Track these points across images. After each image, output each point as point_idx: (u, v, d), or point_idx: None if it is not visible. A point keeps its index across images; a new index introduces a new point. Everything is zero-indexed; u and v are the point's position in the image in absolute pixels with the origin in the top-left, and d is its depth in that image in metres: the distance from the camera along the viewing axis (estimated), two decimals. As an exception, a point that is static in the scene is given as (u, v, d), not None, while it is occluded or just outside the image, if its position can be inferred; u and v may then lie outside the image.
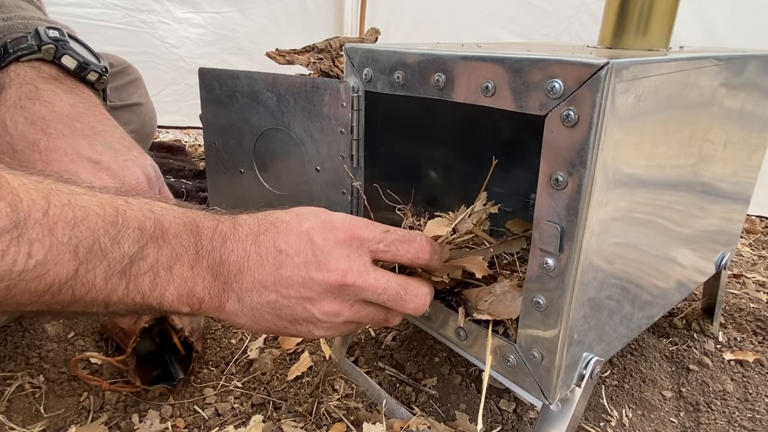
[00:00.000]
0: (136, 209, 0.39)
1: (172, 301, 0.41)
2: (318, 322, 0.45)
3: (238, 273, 0.43)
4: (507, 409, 0.66)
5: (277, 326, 0.45)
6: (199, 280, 0.42)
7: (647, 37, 0.55)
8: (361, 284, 0.43)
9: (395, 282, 0.45)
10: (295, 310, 0.44)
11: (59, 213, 0.35)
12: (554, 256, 0.42)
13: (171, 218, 0.41)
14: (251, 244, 0.44)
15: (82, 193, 0.38)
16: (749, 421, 0.66)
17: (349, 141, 0.58)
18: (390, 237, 0.45)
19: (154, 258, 0.39)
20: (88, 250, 0.36)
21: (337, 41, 1.45)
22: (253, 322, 0.45)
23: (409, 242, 0.46)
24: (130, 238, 0.38)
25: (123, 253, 0.37)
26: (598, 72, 0.36)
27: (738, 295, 0.97)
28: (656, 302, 0.61)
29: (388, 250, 0.45)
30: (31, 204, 0.34)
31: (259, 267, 0.43)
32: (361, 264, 0.44)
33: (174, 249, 0.40)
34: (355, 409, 0.65)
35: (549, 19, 1.69)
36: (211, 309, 0.43)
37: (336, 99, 0.57)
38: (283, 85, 0.63)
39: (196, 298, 0.42)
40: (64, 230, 0.35)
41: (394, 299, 0.45)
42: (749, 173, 0.73)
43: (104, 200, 0.38)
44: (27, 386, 0.68)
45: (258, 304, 0.44)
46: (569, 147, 0.39)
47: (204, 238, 0.42)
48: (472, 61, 0.44)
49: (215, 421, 0.64)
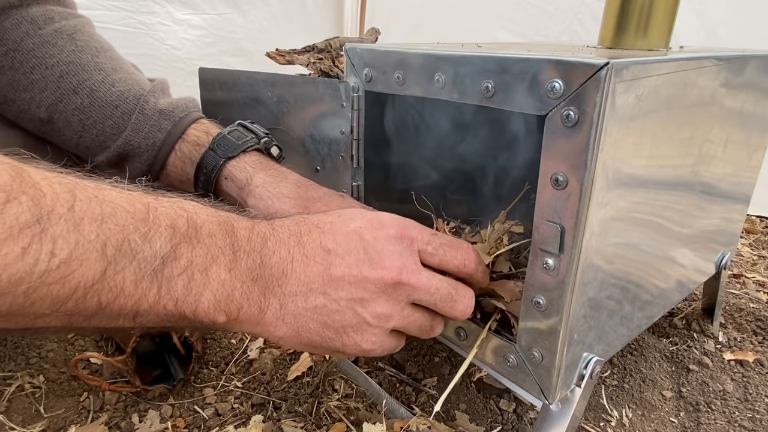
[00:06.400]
0: (167, 206, 0.36)
1: (208, 308, 0.37)
2: (368, 328, 0.42)
3: (281, 276, 0.40)
4: (507, 409, 0.66)
5: (321, 337, 0.41)
6: (238, 283, 0.38)
7: (647, 37, 0.55)
8: (415, 283, 0.41)
9: (446, 282, 0.44)
10: (344, 315, 0.41)
11: (86, 208, 0.32)
12: (554, 256, 0.42)
13: (204, 216, 0.38)
14: (294, 245, 0.40)
15: (109, 189, 0.35)
16: (749, 421, 0.66)
17: (349, 141, 0.58)
18: (438, 240, 0.44)
19: (188, 259, 0.36)
20: (117, 249, 0.32)
21: (337, 41, 1.45)
22: (294, 332, 0.41)
23: (456, 248, 0.45)
24: (161, 236, 0.34)
25: (155, 252, 0.34)
26: (598, 72, 0.36)
27: (738, 295, 0.97)
28: (656, 302, 0.61)
29: (436, 253, 0.44)
30: (55, 198, 0.31)
31: (306, 268, 0.40)
32: (413, 263, 0.42)
33: (209, 249, 0.37)
34: (355, 409, 0.65)
35: (549, 19, 1.69)
36: (249, 318, 0.39)
37: (336, 99, 0.57)
38: (283, 85, 0.63)
39: (234, 304, 0.38)
40: (91, 226, 0.31)
41: (445, 300, 0.43)
42: (749, 173, 0.73)
43: (133, 197, 0.35)
44: (27, 386, 0.68)
45: (303, 310, 0.40)
46: (569, 147, 0.39)
47: (241, 238, 0.39)
48: (472, 61, 0.44)
49: (215, 421, 0.64)
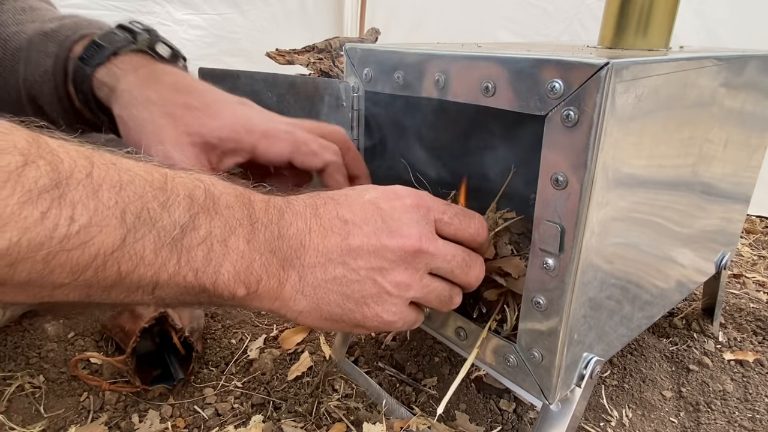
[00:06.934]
0: (184, 177, 0.36)
1: (228, 280, 0.37)
2: (388, 298, 0.42)
3: (299, 247, 0.40)
4: (507, 409, 0.66)
5: (342, 309, 0.42)
6: (257, 255, 0.38)
7: (647, 37, 0.55)
8: (434, 251, 0.42)
9: (461, 249, 0.44)
10: (364, 285, 0.41)
11: (104, 174, 0.32)
12: (554, 256, 0.42)
13: (221, 188, 0.38)
14: (311, 216, 0.41)
15: (126, 159, 0.35)
16: (749, 421, 0.66)
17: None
18: (453, 210, 0.45)
19: (207, 229, 0.36)
20: (137, 216, 0.32)
21: (337, 41, 1.45)
22: (314, 305, 0.41)
23: (470, 218, 0.45)
24: (180, 206, 0.35)
25: (174, 221, 0.34)
26: (598, 72, 0.36)
27: (738, 295, 0.97)
28: (656, 302, 0.61)
29: (451, 223, 0.44)
30: (73, 164, 0.31)
31: (324, 239, 0.40)
32: (429, 231, 0.43)
33: (227, 221, 0.37)
34: (355, 409, 0.65)
35: (549, 19, 1.69)
36: (268, 291, 0.39)
37: (336, 99, 0.57)
38: (283, 85, 0.63)
39: (254, 276, 0.38)
40: (110, 193, 0.31)
41: (461, 266, 0.44)
42: (749, 173, 0.73)
43: (150, 166, 0.35)
44: (27, 386, 0.68)
45: (322, 281, 0.40)
46: (569, 147, 0.39)
47: (258, 210, 0.39)
48: (472, 61, 0.44)
49: (215, 421, 0.64)
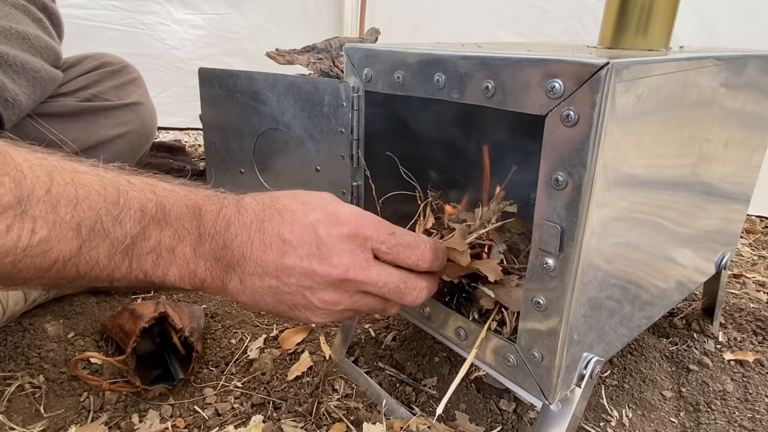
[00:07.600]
0: (138, 190, 0.40)
1: (175, 280, 0.42)
2: (316, 309, 0.46)
3: (241, 258, 0.44)
4: (507, 409, 0.66)
5: (277, 309, 0.47)
6: (201, 261, 0.43)
7: (647, 37, 0.55)
8: (363, 279, 0.44)
9: (396, 276, 0.46)
10: (294, 297, 0.45)
11: (62, 191, 0.36)
12: (554, 256, 0.42)
13: (173, 200, 0.42)
14: (255, 231, 0.44)
15: (85, 172, 0.39)
16: (749, 421, 0.66)
17: (349, 141, 0.58)
18: (393, 240, 0.46)
19: (157, 239, 0.41)
20: (91, 229, 0.37)
21: (337, 41, 1.45)
22: (253, 302, 0.46)
23: (411, 249, 0.46)
24: (131, 218, 0.39)
25: (125, 233, 0.39)
26: (598, 72, 0.36)
27: (738, 295, 0.97)
28: (656, 302, 0.61)
29: (389, 253, 0.46)
30: (35, 181, 0.35)
31: (263, 253, 0.44)
32: (363, 260, 0.45)
33: (176, 231, 0.42)
34: (355, 409, 0.65)
35: (549, 19, 1.69)
36: (212, 288, 0.45)
37: (336, 99, 0.57)
38: (283, 85, 0.63)
39: (198, 278, 0.43)
40: (67, 208, 0.36)
41: (393, 292, 0.46)
42: (749, 173, 0.73)
43: (106, 180, 0.39)
44: (27, 386, 0.68)
45: (259, 288, 0.45)
46: (569, 147, 0.39)
47: (207, 222, 0.43)
48: (472, 61, 0.44)
49: (215, 421, 0.64)
